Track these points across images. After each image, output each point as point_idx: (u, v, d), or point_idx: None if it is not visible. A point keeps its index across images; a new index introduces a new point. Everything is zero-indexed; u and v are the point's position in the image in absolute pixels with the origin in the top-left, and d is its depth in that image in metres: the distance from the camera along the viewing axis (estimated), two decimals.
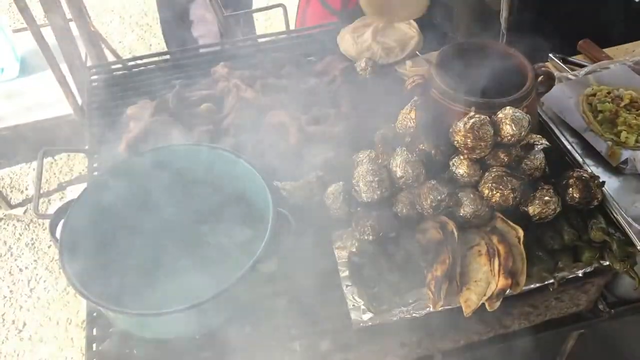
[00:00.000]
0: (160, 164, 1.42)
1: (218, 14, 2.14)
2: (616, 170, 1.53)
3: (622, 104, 1.61)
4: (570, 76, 1.76)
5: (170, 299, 1.29)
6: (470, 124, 1.38)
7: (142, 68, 2.07)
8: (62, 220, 1.31)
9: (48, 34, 2.72)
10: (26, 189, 3.60)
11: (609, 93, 1.65)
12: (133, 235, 1.39)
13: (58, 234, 1.30)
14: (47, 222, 1.39)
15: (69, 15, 2.82)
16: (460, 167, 1.43)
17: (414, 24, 2.01)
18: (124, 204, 1.38)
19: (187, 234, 1.43)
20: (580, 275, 1.38)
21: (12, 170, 3.69)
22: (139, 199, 1.40)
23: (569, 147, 1.59)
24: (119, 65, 2.10)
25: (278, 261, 1.35)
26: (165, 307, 1.15)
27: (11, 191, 3.59)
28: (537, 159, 1.43)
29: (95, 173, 1.66)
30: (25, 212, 3.48)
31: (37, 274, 3.17)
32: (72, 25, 2.86)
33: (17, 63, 3.57)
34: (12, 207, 3.49)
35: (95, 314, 1.36)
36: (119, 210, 1.38)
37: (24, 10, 2.57)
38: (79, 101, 3.08)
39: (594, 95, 1.66)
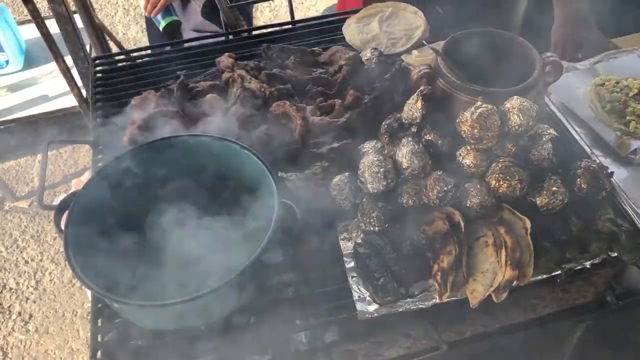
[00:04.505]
0: (164, 155, 1.41)
1: (222, 4, 2.13)
2: (625, 160, 1.51)
3: (631, 94, 1.59)
4: (578, 66, 1.75)
5: (175, 290, 1.28)
6: (477, 114, 1.37)
7: (147, 59, 2.06)
8: (67, 212, 1.31)
9: (52, 25, 2.71)
10: (31, 181, 3.60)
11: (617, 83, 1.63)
12: (138, 226, 1.38)
13: (62, 226, 1.29)
14: (52, 214, 1.38)
15: (73, 8, 2.81)
16: (467, 158, 1.42)
17: (421, 13, 1.99)
18: (128, 195, 1.37)
19: (192, 225, 1.42)
20: (588, 266, 1.36)
21: (18, 163, 3.69)
22: (143, 189, 1.39)
23: (576, 137, 1.57)
24: (123, 57, 2.09)
25: (283, 252, 1.35)
26: (170, 298, 1.14)
27: (16, 183, 3.60)
28: (545, 149, 1.42)
29: (100, 164, 1.66)
30: (30, 204, 3.48)
31: (42, 266, 3.18)
32: (77, 18, 2.85)
33: (22, 55, 3.57)
34: (17, 199, 3.50)
35: (100, 305, 1.36)
36: (124, 201, 1.37)
37: (27, 1, 2.55)
38: (84, 93, 3.07)
39: (602, 85, 1.64)
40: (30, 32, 3.55)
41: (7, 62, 3.48)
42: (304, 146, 1.53)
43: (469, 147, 1.42)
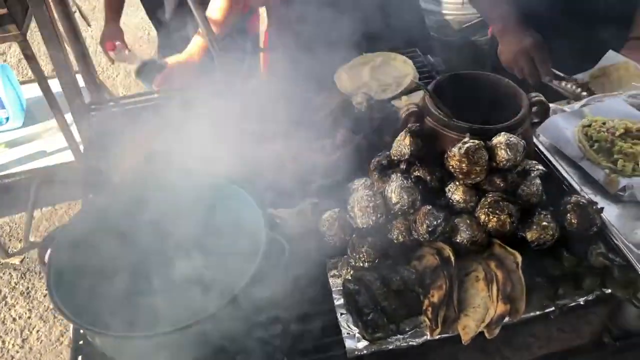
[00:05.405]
0: (153, 190, 1.41)
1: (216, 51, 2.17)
2: (614, 198, 1.51)
3: (617, 133, 1.60)
4: (565, 108, 1.77)
5: (160, 325, 1.25)
6: (465, 148, 1.38)
7: (140, 105, 2.10)
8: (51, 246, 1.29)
9: (54, 85, 2.77)
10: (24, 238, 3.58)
11: (604, 124, 1.65)
12: (123, 261, 1.37)
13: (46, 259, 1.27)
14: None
15: (75, 68, 2.89)
16: (456, 193, 1.42)
17: (410, 61, 2.04)
18: (114, 230, 1.36)
19: (179, 260, 1.40)
20: (582, 303, 1.33)
21: (12, 219, 3.68)
22: (129, 224, 1.38)
23: (566, 176, 1.58)
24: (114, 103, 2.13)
25: (271, 288, 1.32)
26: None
27: (9, 240, 3.57)
28: (534, 184, 1.41)
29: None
30: (22, 260, 3.45)
31: (30, 324, 3.11)
32: (79, 77, 2.92)
33: (22, 112, 3.63)
34: (9, 255, 3.46)
35: (81, 342, 1.32)
36: (109, 235, 1.36)
37: (30, 59, 2.63)
38: (81, 148, 3.10)
39: (590, 125, 1.66)
40: (32, 91, 3.63)
41: (7, 118, 3.54)
42: (294, 183, 1.53)
43: (457, 183, 1.43)
